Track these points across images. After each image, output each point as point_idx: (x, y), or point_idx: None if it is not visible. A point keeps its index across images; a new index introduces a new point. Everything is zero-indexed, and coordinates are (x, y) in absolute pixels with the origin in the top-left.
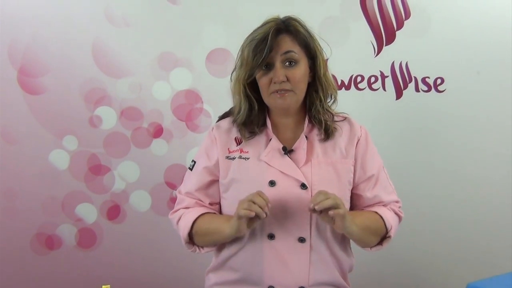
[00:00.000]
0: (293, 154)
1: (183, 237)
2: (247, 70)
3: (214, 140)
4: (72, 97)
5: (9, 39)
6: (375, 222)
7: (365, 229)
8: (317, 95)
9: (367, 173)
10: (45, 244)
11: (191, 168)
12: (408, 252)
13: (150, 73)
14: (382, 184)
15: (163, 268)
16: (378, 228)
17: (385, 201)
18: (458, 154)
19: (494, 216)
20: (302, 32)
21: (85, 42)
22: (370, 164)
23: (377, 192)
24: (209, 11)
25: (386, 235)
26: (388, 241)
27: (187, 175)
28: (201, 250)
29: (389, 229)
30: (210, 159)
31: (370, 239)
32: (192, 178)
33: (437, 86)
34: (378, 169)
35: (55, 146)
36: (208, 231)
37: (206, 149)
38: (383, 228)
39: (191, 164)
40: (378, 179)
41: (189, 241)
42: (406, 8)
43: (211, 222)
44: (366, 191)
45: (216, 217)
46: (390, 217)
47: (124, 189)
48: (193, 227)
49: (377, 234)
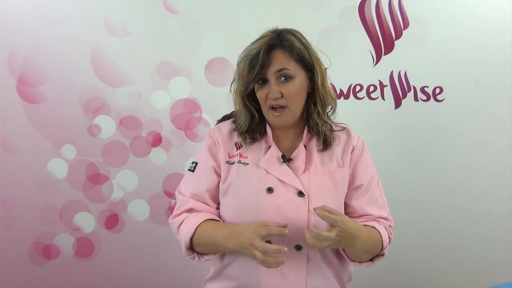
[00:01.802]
0: (291, 163)
1: (184, 242)
2: (243, 84)
3: (216, 143)
4: (71, 106)
5: (9, 48)
6: (374, 234)
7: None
8: (315, 108)
9: (356, 182)
10: (42, 254)
11: (192, 170)
12: (408, 263)
13: (149, 82)
14: (372, 197)
15: (161, 277)
16: (375, 245)
17: (374, 215)
18: (458, 163)
19: (495, 226)
20: (297, 47)
21: (85, 51)
22: (361, 174)
23: (365, 204)
24: (208, 20)
25: (379, 253)
26: (380, 259)
27: (188, 177)
28: (201, 258)
29: (384, 246)
30: (216, 160)
31: (365, 254)
32: (199, 178)
33: (436, 96)
34: (369, 180)
35: (53, 155)
36: (210, 242)
37: (209, 149)
38: (379, 245)
39: (192, 165)
40: (368, 190)
41: (189, 248)
42: (404, 18)
43: (214, 232)
44: (352, 199)
45: (220, 228)
46: (384, 236)
47: (123, 198)
48: (195, 233)
49: (373, 251)
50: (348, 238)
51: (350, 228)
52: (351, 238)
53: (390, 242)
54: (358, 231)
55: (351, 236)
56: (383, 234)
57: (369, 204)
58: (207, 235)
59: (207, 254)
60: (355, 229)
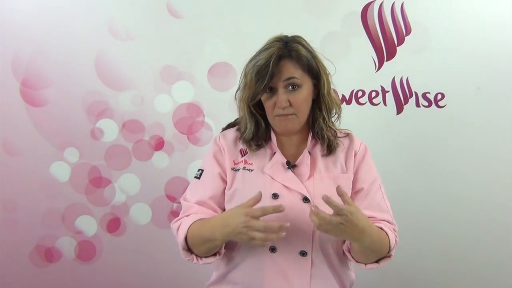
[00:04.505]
0: (296, 169)
1: (180, 243)
2: (250, 94)
3: (222, 150)
4: (74, 110)
5: (12, 51)
6: (383, 238)
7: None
8: (320, 113)
9: (356, 186)
10: (44, 257)
11: (198, 177)
12: (409, 269)
13: (152, 86)
14: (373, 200)
15: (163, 281)
16: (383, 245)
17: (377, 218)
18: (459, 169)
19: (494, 232)
20: (304, 56)
21: (88, 55)
22: (362, 178)
23: (365, 207)
24: (211, 25)
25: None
26: (387, 260)
27: (194, 184)
28: (199, 260)
29: (391, 248)
30: (221, 166)
31: (372, 254)
32: (205, 185)
33: (437, 102)
34: (370, 184)
35: (56, 158)
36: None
37: (215, 156)
38: (387, 247)
39: (198, 172)
40: (368, 194)
41: (187, 249)
42: (406, 24)
43: (201, 227)
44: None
45: (205, 222)
46: (391, 237)
47: (125, 201)
48: (188, 233)
49: (380, 251)
50: (356, 231)
51: (358, 220)
52: (359, 232)
53: (396, 244)
54: (367, 226)
55: (359, 230)
56: (390, 235)
57: (370, 208)
58: (197, 233)
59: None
60: (364, 223)
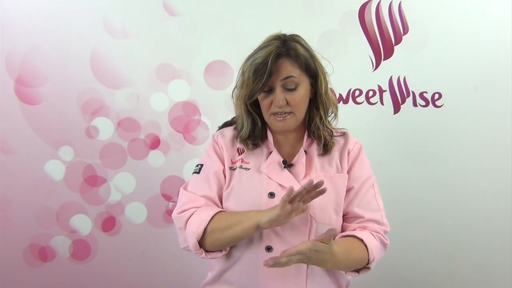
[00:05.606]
0: (292, 168)
1: (196, 233)
2: (247, 92)
3: (221, 148)
4: (69, 108)
5: (7, 48)
6: (359, 252)
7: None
8: (317, 112)
9: (348, 184)
10: (38, 256)
11: (197, 172)
12: (408, 271)
13: (148, 84)
14: (363, 199)
15: (158, 281)
16: (358, 263)
17: (365, 217)
18: (456, 169)
19: (494, 233)
20: (302, 55)
21: (84, 53)
22: (353, 176)
23: (355, 205)
24: (208, 23)
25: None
26: (366, 271)
27: (196, 178)
28: (207, 255)
29: (371, 261)
30: (223, 163)
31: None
32: (208, 181)
33: (434, 101)
34: (362, 183)
35: (51, 157)
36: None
37: (216, 153)
38: (364, 261)
39: (197, 167)
40: (359, 192)
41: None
42: (404, 24)
43: (234, 214)
44: (344, 201)
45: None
46: (375, 247)
47: (120, 200)
48: (212, 220)
49: (357, 266)
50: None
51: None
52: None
53: (386, 247)
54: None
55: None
56: (371, 247)
57: (359, 206)
58: (230, 216)
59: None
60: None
